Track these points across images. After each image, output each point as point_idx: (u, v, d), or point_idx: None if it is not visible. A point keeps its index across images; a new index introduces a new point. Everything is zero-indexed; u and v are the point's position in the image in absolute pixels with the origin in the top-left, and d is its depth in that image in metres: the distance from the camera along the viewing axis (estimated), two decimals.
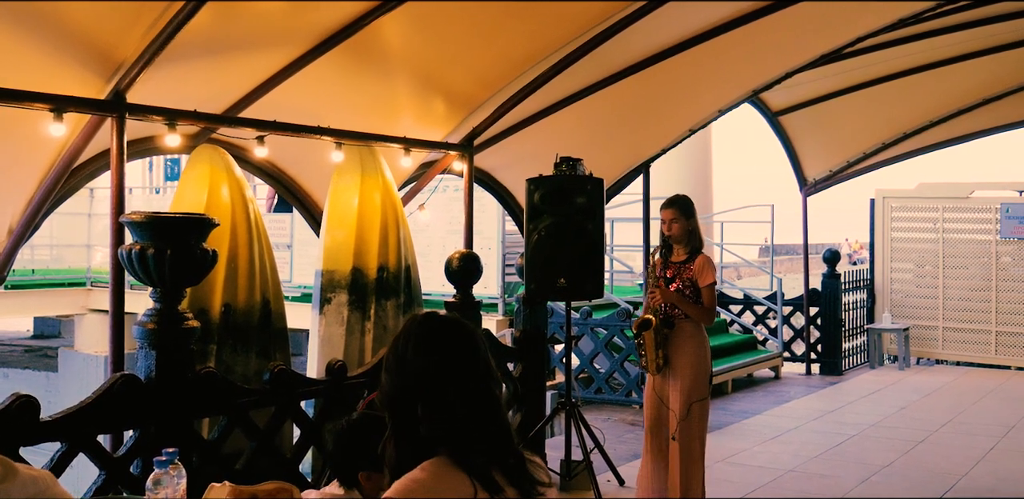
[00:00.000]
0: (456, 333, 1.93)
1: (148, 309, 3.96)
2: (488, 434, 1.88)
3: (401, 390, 1.90)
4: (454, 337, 1.92)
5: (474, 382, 1.89)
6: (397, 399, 1.90)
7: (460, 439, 1.85)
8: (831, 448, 7.27)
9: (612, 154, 7.95)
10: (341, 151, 5.47)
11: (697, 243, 5.41)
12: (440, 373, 1.87)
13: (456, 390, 1.87)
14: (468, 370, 1.89)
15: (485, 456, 1.85)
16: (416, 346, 1.90)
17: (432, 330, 1.93)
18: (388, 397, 1.92)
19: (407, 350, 1.91)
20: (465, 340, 1.92)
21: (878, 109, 10.50)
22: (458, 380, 1.88)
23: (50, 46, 4.04)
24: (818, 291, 11.58)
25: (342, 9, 4.90)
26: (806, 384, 10.62)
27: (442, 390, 1.86)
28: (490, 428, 1.89)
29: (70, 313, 13.50)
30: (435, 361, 1.88)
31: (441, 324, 1.94)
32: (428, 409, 1.85)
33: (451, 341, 1.91)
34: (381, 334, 5.47)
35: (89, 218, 13.96)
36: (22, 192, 4.66)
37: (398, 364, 1.91)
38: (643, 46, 6.39)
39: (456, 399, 1.86)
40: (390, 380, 1.92)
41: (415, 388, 1.88)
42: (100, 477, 3.77)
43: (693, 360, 5.28)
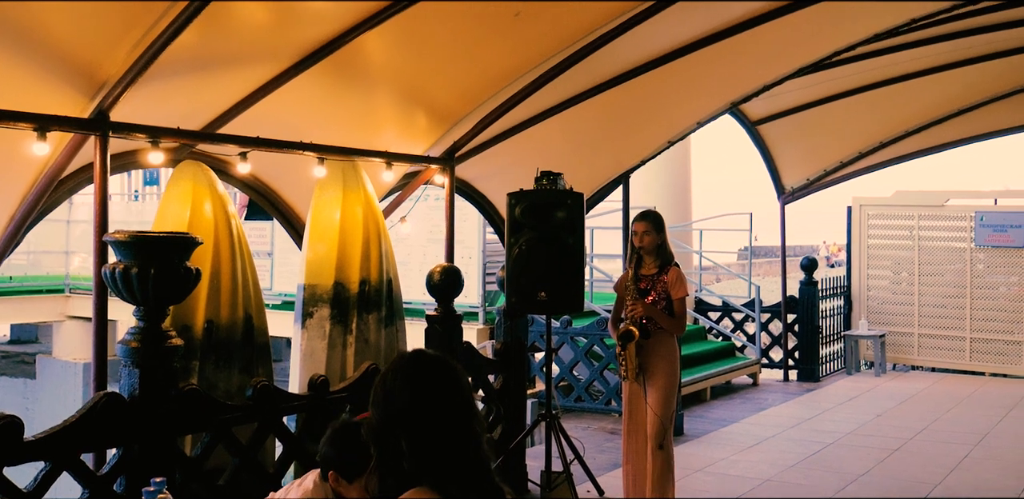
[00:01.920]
0: (442, 372, 1.98)
1: (131, 328, 3.98)
2: (468, 469, 1.94)
3: (386, 424, 1.95)
4: (440, 376, 1.98)
5: (456, 420, 1.94)
6: (382, 432, 1.95)
7: (441, 473, 1.90)
8: (808, 457, 7.36)
9: (593, 164, 8.02)
10: (324, 166, 5.50)
11: (667, 256, 5.68)
12: (424, 410, 1.92)
13: (438, 427, 1.92)
14: (451, 408, 1.95)
15: (464, 489, 1.91)
16: (403, 382, 1.95)
17: (419, 368, 1.98)
18: (374, 430, 1.97)
19: (394, 386, 1.96)
20: (450, 379, 1.98)
21: (855, 119, 10.63)
22: (441, 417, 1.93)
23: (34, 65, 4.05)
24: (796, 298, 11.70)
25: (327, 25, 4.93)
26: (784, 391, 10.73)
27: (425, 426, 1.91)
28: (470, 464, 1.95)
29: (48, 320, 13.43)
30: (420, 398, 1.93)
31: (428, 363, 1.99)
32: (411, 443, 1.90)
33: (436, 380, 1.97)
34: (363, 348, 5.50)
35: (68, 225, 13.91)
36: (4, 208, 4.66)
37: (385, 399, 1.96)
38: (624, 59, 6.45)
39: (438, 435, 1.91)
40: (376, 413, 1.98)
41: (399, 422, 1.93)
42: (83, 496, 3.78)
43: (668, 370, 5.63)
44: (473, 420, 1.98)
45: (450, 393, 1.96)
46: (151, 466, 3.87)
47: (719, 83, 7.66)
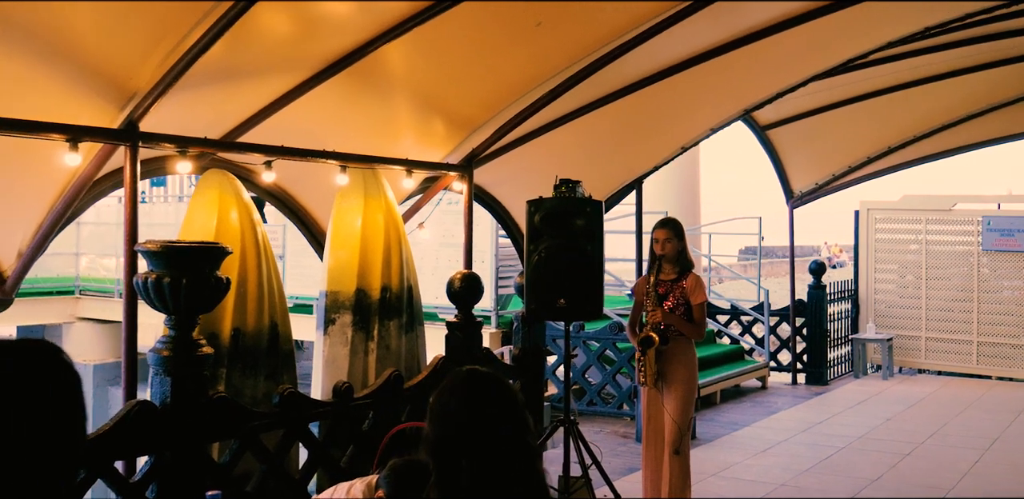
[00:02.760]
0: (497, 390, 2.04)
1: (162, 336, 4.02)
2: (526, 484, 1.99)
3: (443, 440, 2.00)
4: (495, 394, 2.03)
5: (513, 436, 1.99)
6: (441, 449, 2.00)
7: (500, 488, 1.96)
8: (820, 461, 7.41)
9: (606, 170, 8.06)
10: (346, 174, 5.55)
11: (686, 262, 5.74)
12: (482, 427, 1.97)
13: (496, 443, 1.97)
14: (508, 425, 2.00)
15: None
16: (460, 401, 2.01)
17: (475, 386, 2.03)
18: (432, 447, 2.02)
19: (451, 404, 2.01)
20: (505, 397, 2.03)
21: (864, 124, 10.68)
22: (498, 434, 1.98)
23: (67, 77, 4.10)
24: (804, 302, 11.75)
25: (348, 36, 4.98)
26: (792, 394, 10.78)
27: (484, 443, 1.97)
28: (527, 478, 2.00)
29: (59, 322, 13.48)
30: (477, 416, 1.98)
31: (484, 381, 2.05)
32: (471, 460, 1.95)
33: (493, 397, 2.02)
34: (384, 354, 5.55)
35: (78, 226, 13.95)
36: (33, 217, 4.72)
37: (442, 417, 2.02)
38: (640, 67, 6.50)
39: (496, 451, 1.96)
40: (434, 430, 2.03)
41: (458, 440, 1.98)
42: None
43: (686, 375, 5.67)
44: (529, 435, 2.03)
45: (506, 410, 2.02)
46: (182, 473, 3.93)
47: (733, 90, 7.71)
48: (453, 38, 5.41)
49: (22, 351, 1.32)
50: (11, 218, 4.73)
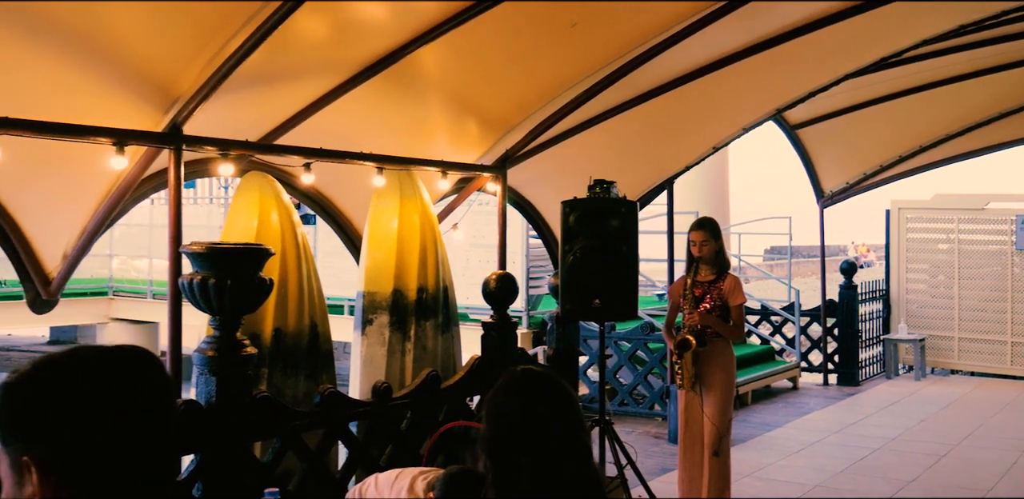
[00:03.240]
0: (553, 390, 2.06)
1: (207, 337, 4.08)
2: (583, 482, 2.01)
3: (499, 440, 2.03)
4: (551, 393, 2.05)
5: (569, 434, 2.02)
6: (497, 448, 2.03)
7: (557, 487, 1.98)
8: (855, 463, 7.38)
9: (637, 170, 8.07)
10: (382, 175, 5.60)
11: (724, 263, 5.72)
12: (539, 426, 2.00)
13: (553, 441, 1.99)
14: (564, 423, 2.02)
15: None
16: (516, 400, 2.03)
17: (531, 385, 2.06)
18: (489, 446, 2.05)
19: (507, 403, 2.04)
20: (561, 395, 2.05)
21: (895, 122, 10.61)
22: (555, 432, 2.00)
23: (113, 82, 4.18)
24: (835, 302, 11.70)
25: (385, 39, 5.03)
26: (824, 395, 10.73)
27: (541, 441, 1.99)
28: (583, 476, 2.02)
29: (93, 322, 13.64)
30: (534, 414, 2.01)
31: (540, 380, 2.07)
32: (528, 458, 1.98)
33: (549, 396, 2.04)
34: (421, 354, 5.59)
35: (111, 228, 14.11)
36: (78, 220, 4.80)
37: (498, 416, 2.04)
38: (673, 68, 6.50)
39: (554, 450, 1.99)
40: (489, 430, 2.06)
41: (515, 439, 2.00)
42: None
43: (724, 378, 5.64)
44: (584, 434, 2.05)
45: (561, 409, 2.04)
46: (226, 472, 3.98)
47: (765, 90, 7.70)
48: (488, 40, 5.44)
49: (127, 358, 1.36)
50: (58, 221, 4.81)
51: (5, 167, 4.20)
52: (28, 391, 1.28)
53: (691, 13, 5.62)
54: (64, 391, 1.28)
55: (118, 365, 1.33)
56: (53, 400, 1.27)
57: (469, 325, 8.29)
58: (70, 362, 1.31)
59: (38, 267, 4.93)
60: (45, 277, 4.98)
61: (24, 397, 1.28)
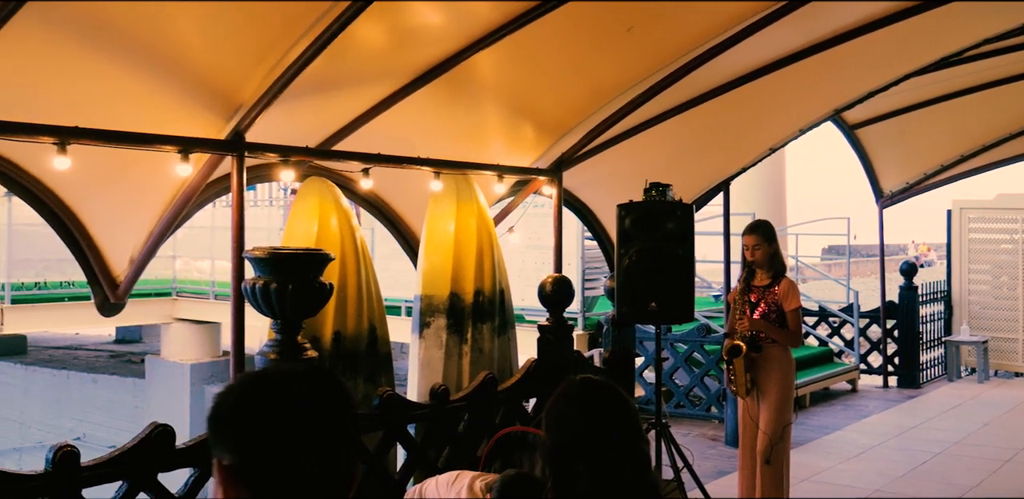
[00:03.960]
0: (612, 399, 2.09)
1: (269, 340, 4.17)
2: (640, 490, 2.04)
3: (559, 448, 2.06)
4: (610, 402, 2.08)
5: (629, 442, 2.04)
6: (557, 457, 2.06)
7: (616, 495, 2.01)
8: (916, 467, 7.28)
9: (692, 172, 8.04)
10: (439, 180, 5.66)
11: (779, 267, 5.65)
12: (599, 434, 2.03)
13: (613, 450, 2.02)
14: (623, 431, 2.05)
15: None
16: (576, 409, 2.06)
17: (591, 394, 2.09)
18: (549, 453, 2.08)
19: (567, 412, 2.07)
20: (620, 405, 2.08)
21: (957, 121, 10.42)
22: (614, 441, 2.03)
23: (178, 91, 4.29)
24: (895, 303, 11.53)
25: (442, 45, 5.08)
26: (884, 398, 10.59)
27: (601, 449, 2.02)
28: (641, 484, 2.05)
29: (157, 322, 13.95)
30: (594, 423, 2.04)
31: (599, 389, 2.10)
32: (588, 467, 2.01)
33: (608, 405, 2.07)
34: (478, 357, 5.64)
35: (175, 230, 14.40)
36: (144, 224, 4.93)
37: (558, 425, 2.07)
38: (729, 69, 6.47)
39: (614, 458, 2.01)
40: (549, 438, 2.09)
41: (572, 447, 2.03)
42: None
43: (781, 383, 5.53)
44: (644, 443, 2.08)
45: (622, 418, 2.06)
46: None
47: (822, 91, 7.62)
48: (544, 45, 5.47)
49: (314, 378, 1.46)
50: (124, 227, 4.95)
51: (75, 175, 4.33)
52: (227, 402, 1.42)
53: (748, 15, 5.58)
54: (258, 405, 1.40)
55: (306, 384, 1.44)
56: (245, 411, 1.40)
57: (525, 326, 8.32)
58: (261, 378, 1.44)
59: (106, 271, 5.07)
60: (113, 281, 5.13)
61: (223, 407, 1.42)
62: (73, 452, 3.49)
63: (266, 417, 1.39)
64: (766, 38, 5.87)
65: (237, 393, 1.43)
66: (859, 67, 7.32)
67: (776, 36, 6.02)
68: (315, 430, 1.41)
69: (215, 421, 1.43)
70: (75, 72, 4.05)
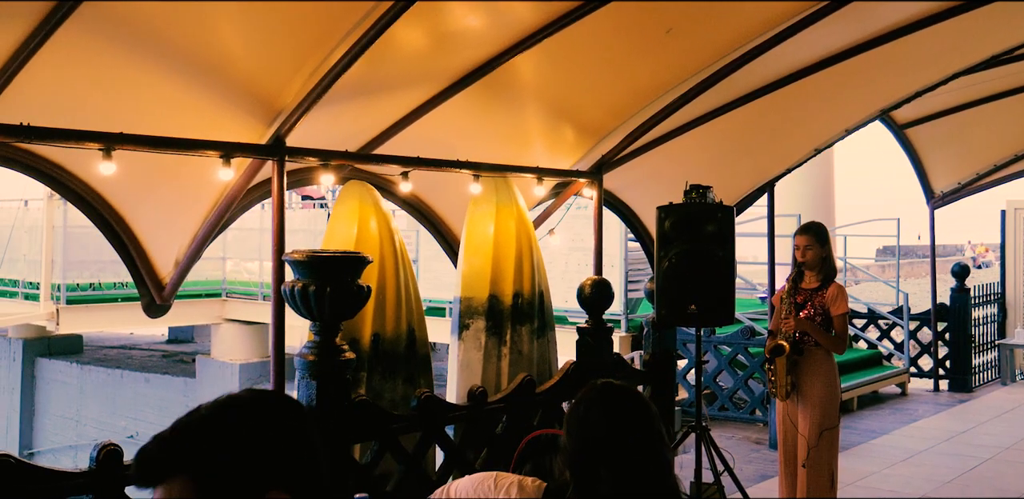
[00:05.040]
0: (634, 403, 2.09)
1: (308, 342, 4.22)
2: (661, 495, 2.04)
3: (580, 453, 2.07)
4: (632, 407, 2.08)
5: (650, 448, 2.04)
6: (578, 461, 2.07)
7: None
8: (964, 473, 7.15)
9: (736, 173, 7.99)
10: (479, 183, 5.69)
11: (830, 270, 5.55)
12: (620, 439, 2.03)
13: (634, 455, 2.02)
14: (645, 437, 2.05)
15: None
16: (598, 413, 2.07)
17: (612, 399, 2.09)
18: (570, 458, 2.09)
19: (588, 416, 2.08)
20: (642, 410, 2.08)
21: (1010, 120, 10.21)
22: (636, 446, 2.04)
23: (219, 97, 4.37)
24: (946, 306, 11.33)
25: (482, 48, 5.11)
26: (934, 401, 10.41)
27: (622, 455, 2.02)
28: (663, 489, 2.05)
29: (207, 323, 14.18)
30: (616, 428, 2.04)
31: (621, 394, 2.10)
32: (609, 471, 2.01)
33: (630, 410, 2.07)
34: (517, 359, 5.66)
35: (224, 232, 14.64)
36: (189, 228, 5.03)
37: (579, 429, 2.08)
38: (772, 70, 6.42)
39: (635, 463, 2.02)
40: (571, 443, 2.10)
41: (596, 451, 2.04)
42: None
43: (823, 388, 5.42)
44: (664, 447, 2.08)
45: (642, 422, 2.07)
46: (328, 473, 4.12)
47: (869, 90, 7.52)
48: (583, 47, 5.47)
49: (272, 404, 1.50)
50: (170, 230, 5.05)
51: (121, 179, 4.44)
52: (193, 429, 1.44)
53: (789, 15, 5.54)
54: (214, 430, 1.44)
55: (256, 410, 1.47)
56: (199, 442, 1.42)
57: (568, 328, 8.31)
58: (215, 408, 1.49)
59: (153, 274, 5.18)
60: (159, 283, 5.23)
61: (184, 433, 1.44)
62: (116, 451, 3.57)
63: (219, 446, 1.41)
64: (809, 38, 5.81)
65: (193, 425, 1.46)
66: (907, 66, 7.21)
67: (819, 36, 5.96)
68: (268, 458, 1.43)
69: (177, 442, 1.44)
70: (120, 80, 4.15)
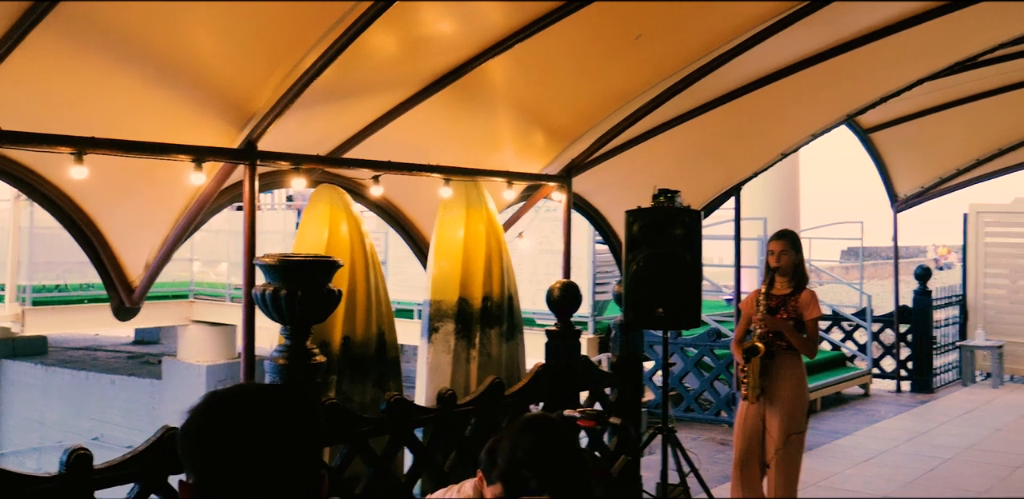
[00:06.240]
0: (557, 436, 2.57)
1: (279, 345, 4.24)
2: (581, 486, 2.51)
3: (511, 474, 2.51)
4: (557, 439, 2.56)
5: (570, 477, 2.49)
6: (510, 470, 2.50)
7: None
8: (926, 473, 7.29)
9: (703, 177, 8.09)
10: (449, 187, 5.72)
11: (802, 277, 5.65)
12: (544, 469, 2.47)
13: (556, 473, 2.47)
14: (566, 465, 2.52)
15: None
16: (524, 445, 2.53)
17: (540, 431, 2.59)
18: (502, 473, 2.52)
19: (515, 448, 2.52)
20: (565, 441, 2.57)
21: (972, 125, 10.40)
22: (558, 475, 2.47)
23: (192, 101, 4.38)
24: (909, 308, 11.52)
25: (453, 54, 5.15)
26: (896, 402, 10.58)
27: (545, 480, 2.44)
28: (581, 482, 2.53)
29: (174, 324, 14.09)
30: (540, 459, 2.49)
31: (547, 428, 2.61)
32: (539, 482, 2.44)
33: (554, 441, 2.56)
34: (486, 361, 5.70)
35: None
36: (159, 231, 5.02)
37: (509, 457, 2.52)
38: (739, 75, 6.51)
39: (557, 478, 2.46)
40: (502, 464, 2.54)
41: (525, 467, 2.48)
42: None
43: (792, 392, 5.52)
44: (587, 476, 2.55)
45: (565, 454, 2.52)
46: None
47: (835, 95, 7.64)
48: (553, 53, 5.53)
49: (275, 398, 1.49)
50: (140, 233, 5.05)
51: (92, 182, 4.43)
52: (188, 424, 1.44)
53: (757, 22, 5.63)
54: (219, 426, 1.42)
55: (267, 403, 1.46)
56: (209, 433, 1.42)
57: (536, 330, 8.38)
58: (229, 400, 1.47)
59: (122, 276, 5.17)
60: (129, 286, 5.22)
61: (185, 429, 1.45)
62: (86, 455, 3.57)
63: (226, 437, 1.41)
64: (776, 44, 5.90)
65: (201, 413, 1.45)
66: (872, 72, 7.34)
67: (786, 42, 6.06)
68: (275, 449, 1.43)
69: (181, 441, 1.45)
70: (92, 83, 4.15)
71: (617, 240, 7.78)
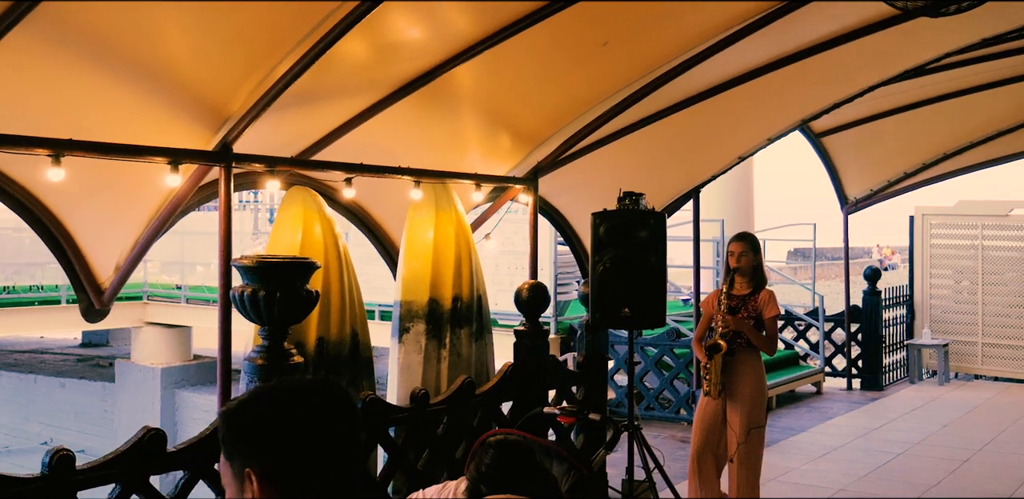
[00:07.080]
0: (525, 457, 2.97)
1: (256, 346, 4.29)
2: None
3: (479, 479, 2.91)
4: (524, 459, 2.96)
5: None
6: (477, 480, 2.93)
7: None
8: (878, 467, 7.51)
9: (664, 179, 8.24)
10: (419, 189, 5.79)
11: (761, 278, 5.82)
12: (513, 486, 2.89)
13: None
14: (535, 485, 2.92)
15: None
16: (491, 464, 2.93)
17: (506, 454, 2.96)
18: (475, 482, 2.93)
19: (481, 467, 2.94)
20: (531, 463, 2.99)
21: (919, 130, 10.71)
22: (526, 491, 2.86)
23: (167, 103, 4.40)
24: (859, 307, 11.81)
25: (423, 59, 5.22)
26: (848, 400, 10.84)
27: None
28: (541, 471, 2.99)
29: (127, 326, 13.93)
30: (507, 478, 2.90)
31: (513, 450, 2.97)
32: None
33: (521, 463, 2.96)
34: (456, 361, 5.78)
35: None
36: (131, 233, 5.02)
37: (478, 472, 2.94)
38: (700, 81, 6.66)
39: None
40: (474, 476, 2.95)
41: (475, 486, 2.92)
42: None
43: (752, 388, 5.71)
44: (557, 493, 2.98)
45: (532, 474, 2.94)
46: None
47: (791, 102, 7.84)
48: (521, 59, 5.62)
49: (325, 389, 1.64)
50: (111, 234, 5.04)
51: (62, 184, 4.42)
52: (250, 415, 1.57)
53: (719, 31, 5.78)
54: (281, 415, 1.57)
55: (320, 395, 1.61)
56: (273, 422, 1.56)
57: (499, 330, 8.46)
58: (283, 391, 1.62)
59: (92, 278, 5.16)
60: (98, 287, 5.22)
61: (246, 420, 1.57)
62: (68, 456, 3.59)
63: (295, 425, 1.56)
64: (736, 52, 6.07)
65: (264, 405, 1.60)
66: (826, 79, 7.55)
67: (746, 50, 6.22)
68: (335, 435, 1.59)
69: (241, 433, 1.58)
70: (68, 85, 4.15)
71: (578, 241, 7.90)
